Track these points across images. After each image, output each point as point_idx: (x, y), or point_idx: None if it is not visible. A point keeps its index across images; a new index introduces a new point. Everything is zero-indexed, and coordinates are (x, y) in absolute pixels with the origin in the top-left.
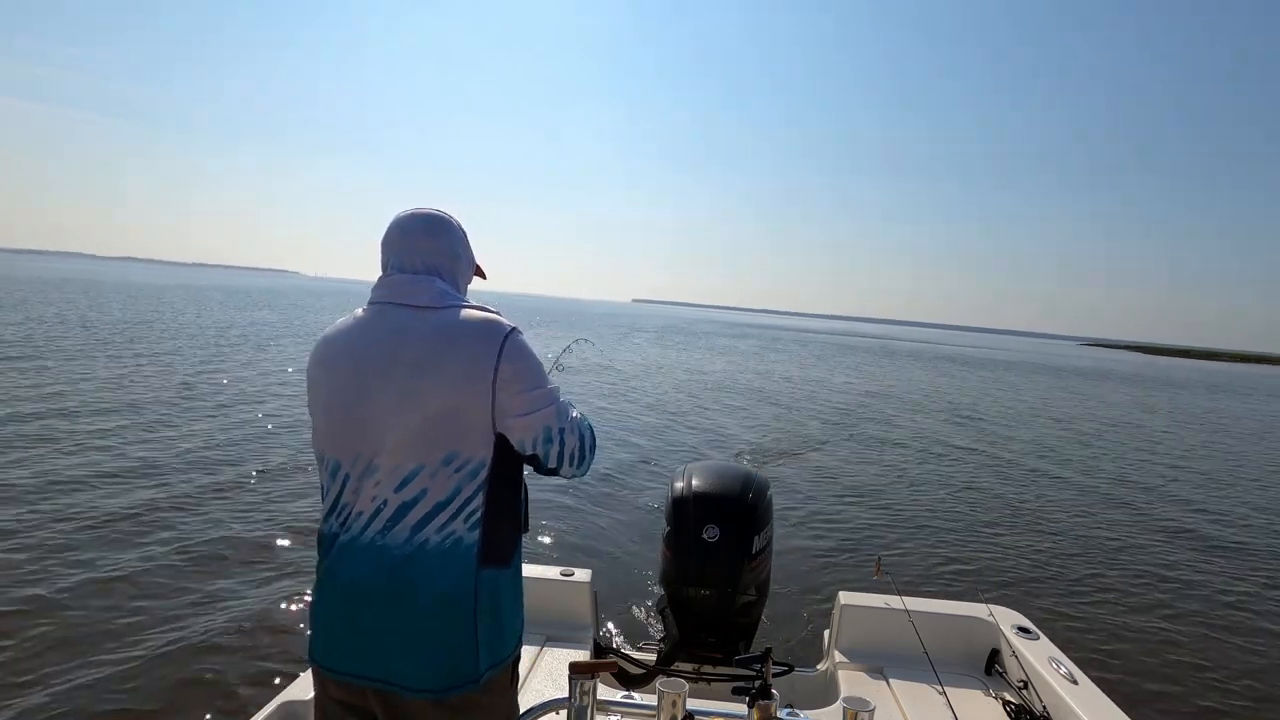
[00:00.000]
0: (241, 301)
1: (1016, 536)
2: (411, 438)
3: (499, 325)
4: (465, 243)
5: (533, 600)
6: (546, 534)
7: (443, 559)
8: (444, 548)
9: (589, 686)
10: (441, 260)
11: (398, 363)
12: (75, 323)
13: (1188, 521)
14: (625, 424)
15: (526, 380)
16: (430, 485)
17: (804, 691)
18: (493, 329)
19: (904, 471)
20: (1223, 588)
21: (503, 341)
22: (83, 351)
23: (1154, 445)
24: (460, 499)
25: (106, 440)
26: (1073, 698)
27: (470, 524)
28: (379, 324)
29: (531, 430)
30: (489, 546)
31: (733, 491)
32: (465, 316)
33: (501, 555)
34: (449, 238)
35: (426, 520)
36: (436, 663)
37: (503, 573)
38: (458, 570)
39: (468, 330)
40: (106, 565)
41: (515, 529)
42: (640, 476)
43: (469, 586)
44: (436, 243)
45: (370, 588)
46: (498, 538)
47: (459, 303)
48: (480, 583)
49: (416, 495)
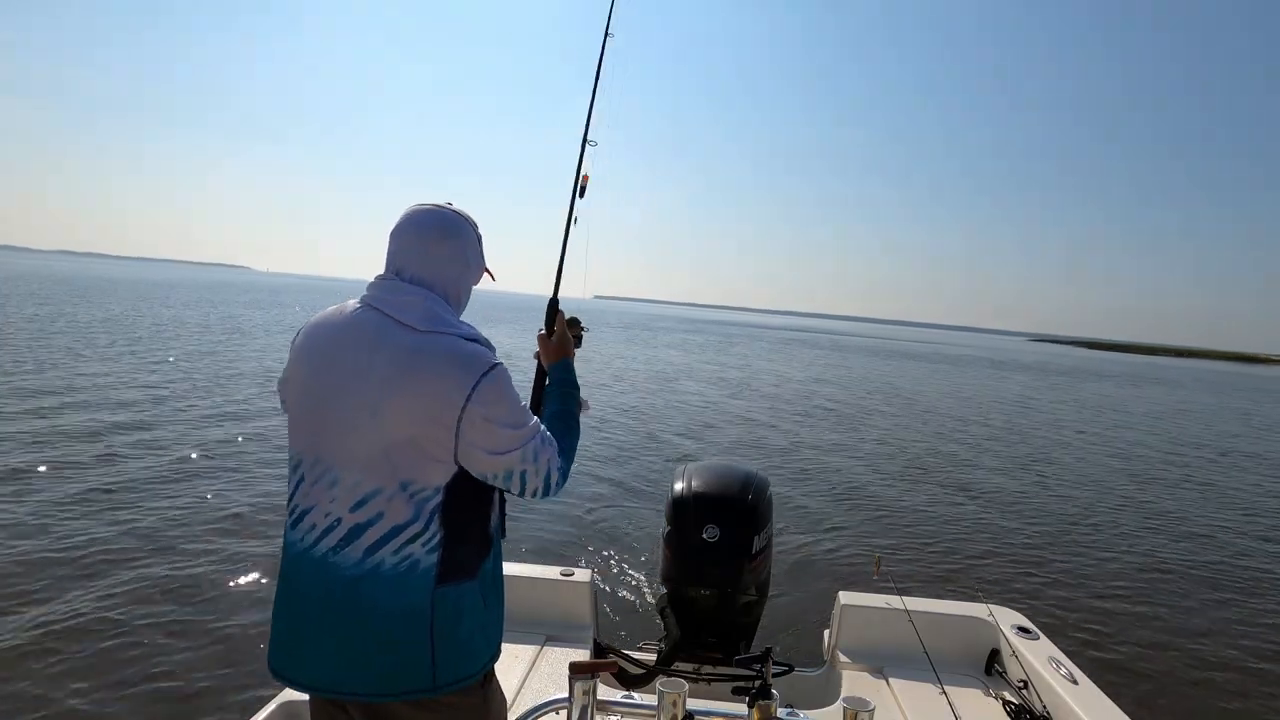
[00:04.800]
0: (183, 298)
1: (1016, 536)
2: (373, 456)
3: (475, 364)
4: (477, 247)
5: (533, 600)
6: (547, 534)
7: (398, 580)
8: (399, 570)
9: (589, 686)
10: (449, 269)
11: (367, 377)
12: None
13: (1188, 521)
14: (625, 423)
15: (495, 424)
16: (387, 509)
17: (804, 691)
18: (469, 368)
19: (904, 471)
20: (1223, 587)
21: (475, 383)
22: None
23: (1153, 445)
24: (419, 523)
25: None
26: (1073, 698)
27: (429, 547)
28: (362, 328)
29: (494, 469)
30: (449, 566)
31: (733, 491)
32: (444, 349)
33: (466, 569)
34: (460, 242)
35: (382, 543)
36: (387, 678)
37: (466, 586)
38: (413, 591)
39: (442, 365)
40: (99, 561)
41: (484, 541)
42: (640, 476)
43: (423, 606)
44: (447, 248)
45: (321, 603)
46: (461, 555)
47: (444, 329)
48: (437, 601)
49: (372, 518)
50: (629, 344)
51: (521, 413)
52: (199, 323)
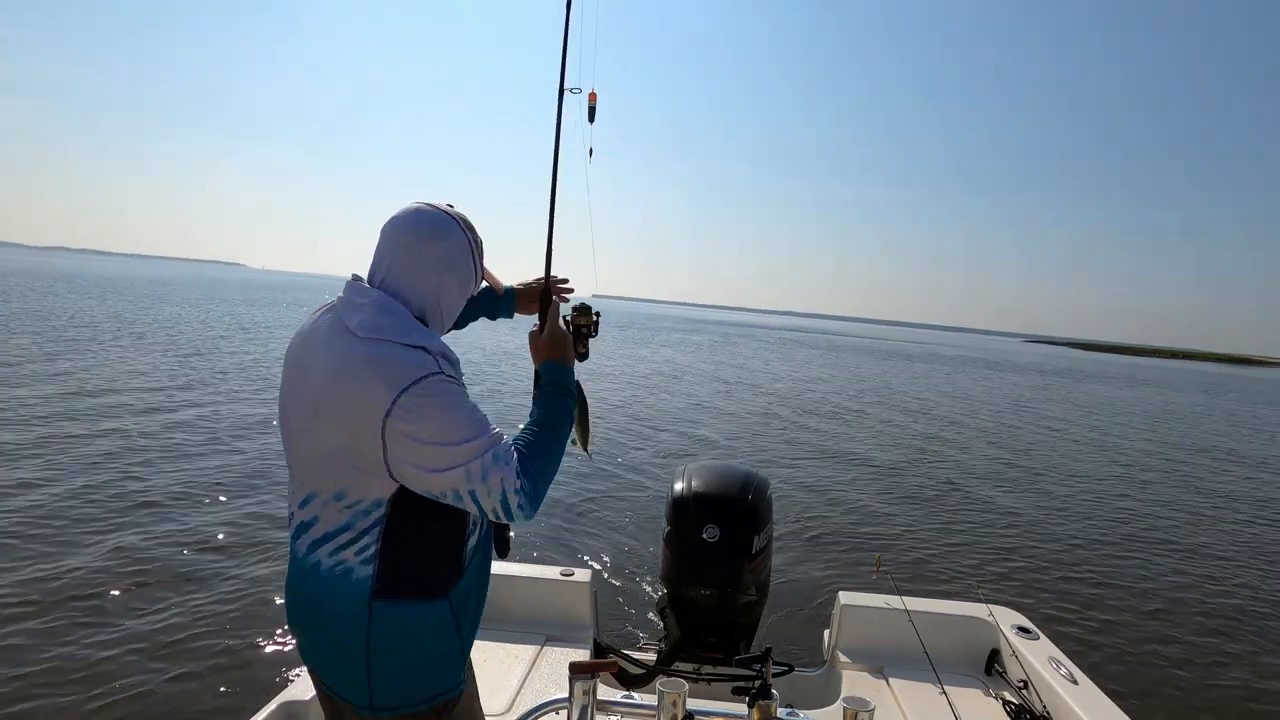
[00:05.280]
0: (181, 296)
1: (1016, 536)
2: (313, 461)
3: (400, 376)
4: (466, 253)
5: (533, 600)
6: (547, 534)
7: (333, 583)
8: (334, 574)
9: (589, 686)
10: (425, 274)
11: (309, 381)
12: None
13: (1188, 521)
14: (624, 423)
15: (421, 440)
16: (321, 514)
17: (804, 691)
18: (393, 379)
19: (903, 472)
20: (1223, 587)
21: (396, 397)
22: None
23: (1152, 446)
24: (351, 534)
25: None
26: (1073, 698)
27: (362, 558)
28: (316, 333)
29: (435, 488)
30: (389, 581)
31: (733, 491)
32: (371, 358)
33: (422, 589)
34: (442, 246)
35: (318, 544)
36: (336, 678)
37: (423, 608)
38: (345, 597)
39: (366, 375)
40: (98, 558)
41: (454, 562)
42: (640, 476)
43: (357, 615)
44: (424, 251)
45: (291, 591)
46: (410, 571)
47: (385, 336)
48: (376, 615)
49: (311, 519)
50: (628, 343)
51: (461, 427)
52: (253, 322)
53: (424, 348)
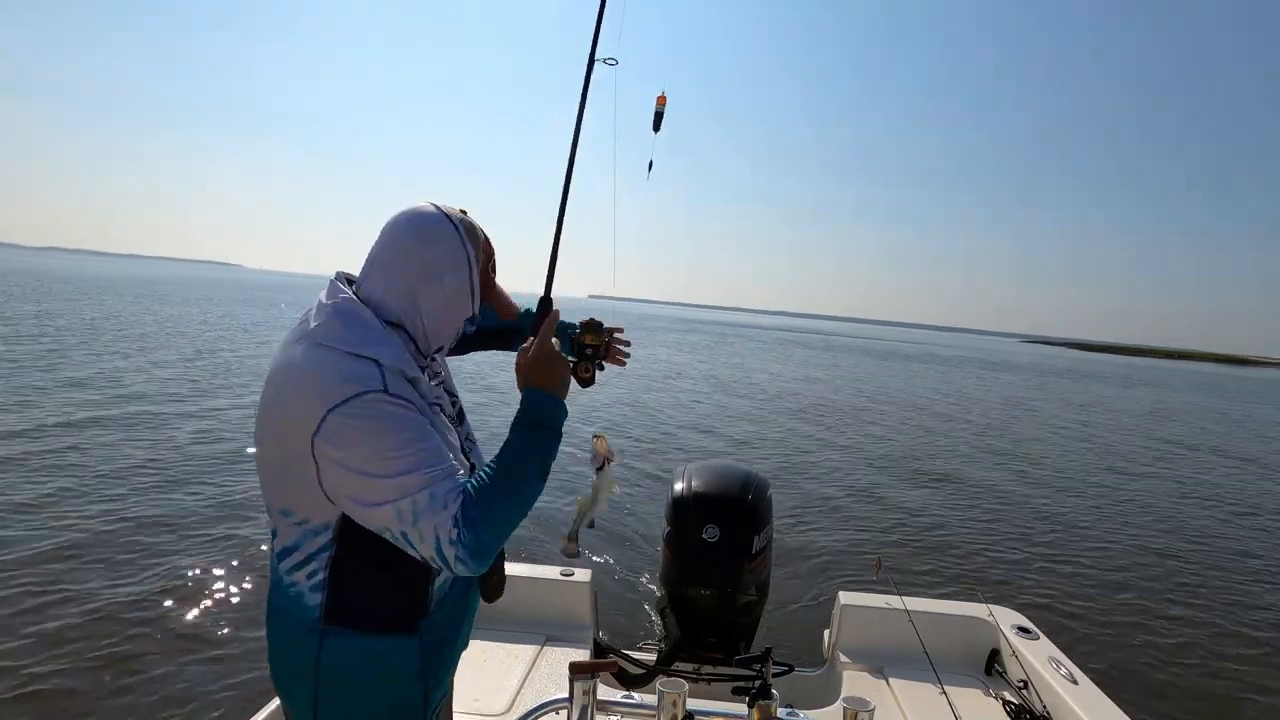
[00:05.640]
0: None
1: (1017, 537)
2: (263, 469)
3: (332, 391)
4: (459, 266)
5: (533, 600)
6: (547, 534)
7: (290, 602)
8: (289, 592)
9: (589, 686)
10: (404, 279)
11: (266, 384)
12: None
13: (1189, 521)
14: (624, 422)
15: (348, 468)
16: (279, 527)
17: (804, 691)
18: (324, 393)
19: (904, 472)
20: (1223, 587)
21: (325, 413)
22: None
23: (1150, 444)
24: (300, 554)
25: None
26: (1073, 698)
27: (312, 584)
28: (288, 334)
29: (369, 523)
30: (338, 611)
31: (733, 491)
32: (309, 366)
33: (379, 623)
34: (428, 252)
35: (280, 557)
36: (284, 698)
37: (378, 643)
38: (299, 622)
39: (300, 385)
40: (101, 556)
41: (417, 598)
42: (640, 476)
43: (309, 644)
44: (409, 255)
45: (268, 601)
46: (363, 603)
47: (332, 343)
48: (325, 647)
49: (274, 529)
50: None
51: (393, 458)
52: (254, 322)
53: (375, 360)
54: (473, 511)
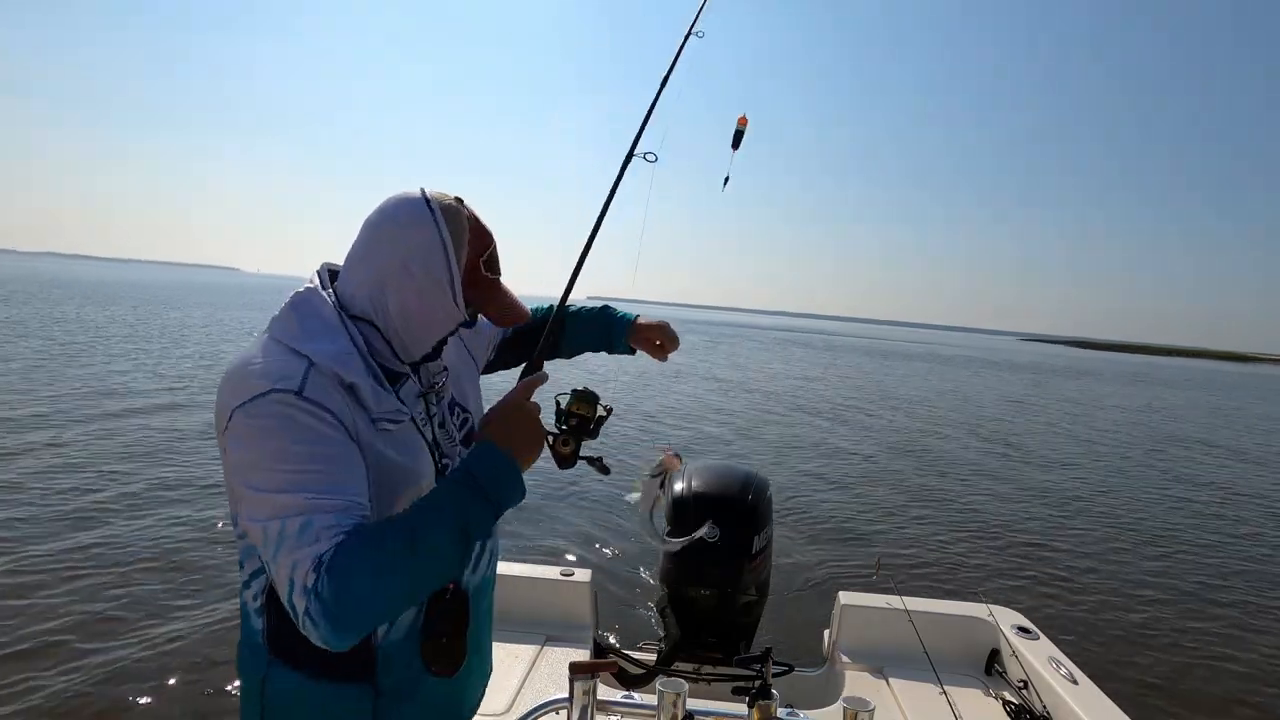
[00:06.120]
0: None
1: (1016, 536)
2: None
3: (248, 386)
4: (434, 253)
5: (533, 600)
6: (547, 534)
7: (246, 619)
8: (246, 609)
9: (589, 686)
10: (367, 268)
11: None
12: None
13: (1189, 521)
14: (623, 422)
15: (236, 473)
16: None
17: (804, 691)
18: (239, 388)
19: (904, 472)
20: (1223, 587)
21: (233, 410)
22: None
23: (1149, 444)
24: (246, 571)
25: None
26: (1073, 698)
27: (256, 605)
28: None
29: (252, 544)
30: (278, 644)
31: (733, 491)
32: (243, 357)
33: (322, 665)
34: (398, 236)
35: (240, 567)
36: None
37: (325, 688)
38: (249, 642)
39: (226, 377)
40: (101, 555)
41: (366, 650)
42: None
43: (258, 670)
44: (380, 240)
45: None
46: (292, 640)
47: (275, 334)
48: (270, 677)
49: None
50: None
51: (273, 471)
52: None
53: (308, 356)
54: (344, 560)
